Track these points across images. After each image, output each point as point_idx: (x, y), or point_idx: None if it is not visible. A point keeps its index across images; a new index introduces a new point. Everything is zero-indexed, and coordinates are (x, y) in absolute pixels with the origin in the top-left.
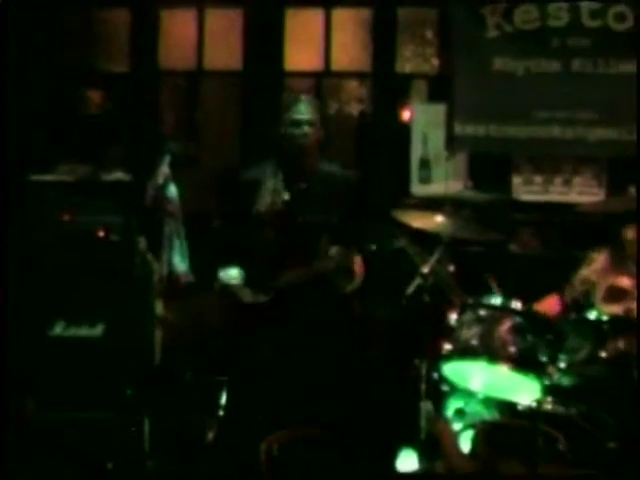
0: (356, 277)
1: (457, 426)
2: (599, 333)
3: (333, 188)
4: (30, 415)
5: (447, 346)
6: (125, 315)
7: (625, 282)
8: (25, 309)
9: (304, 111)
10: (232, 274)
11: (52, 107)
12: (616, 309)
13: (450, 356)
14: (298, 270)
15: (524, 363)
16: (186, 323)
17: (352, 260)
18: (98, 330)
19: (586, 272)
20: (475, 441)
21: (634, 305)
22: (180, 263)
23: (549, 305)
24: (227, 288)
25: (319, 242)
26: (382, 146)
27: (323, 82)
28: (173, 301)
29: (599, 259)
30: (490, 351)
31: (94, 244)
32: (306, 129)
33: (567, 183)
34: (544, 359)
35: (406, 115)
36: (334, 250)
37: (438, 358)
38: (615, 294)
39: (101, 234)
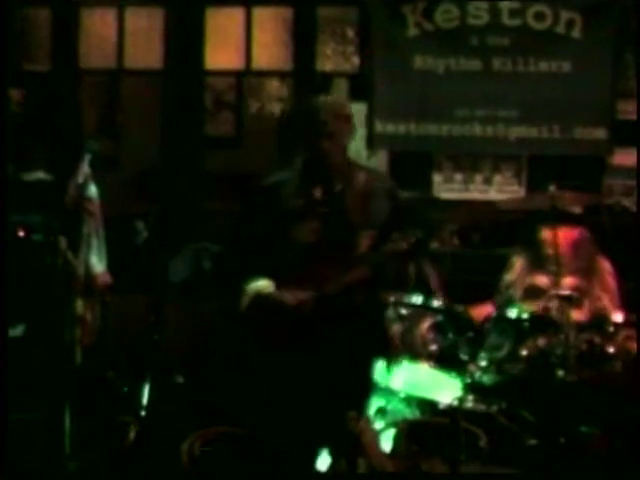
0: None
1: (378, 425)
2: (519, 331)
3: (370, 188)
4: None
5: None
6: (46, 315)
7: (542, 281)
8: None
9: (324, 118)
10: (263, 284)
11: None
12: (534, 307)
13: None
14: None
15: (445, 361)
16: (104, 323)
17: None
18: (19, 330)
19: (509, 276)
20: (397, 440)
21: (552, 303)
22: (98, 263)
23: (484, 312)
24: (264, 295)
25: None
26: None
27: (244, 81)
28: (90, 301)
29: (518, 262)
30: (411, 349)
31: (15, 244)
32: (327, 137)
33: (487, 181)
34: (465, 357)
35: None
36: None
37: None
38: (533, 293)
39: (22, 234)
